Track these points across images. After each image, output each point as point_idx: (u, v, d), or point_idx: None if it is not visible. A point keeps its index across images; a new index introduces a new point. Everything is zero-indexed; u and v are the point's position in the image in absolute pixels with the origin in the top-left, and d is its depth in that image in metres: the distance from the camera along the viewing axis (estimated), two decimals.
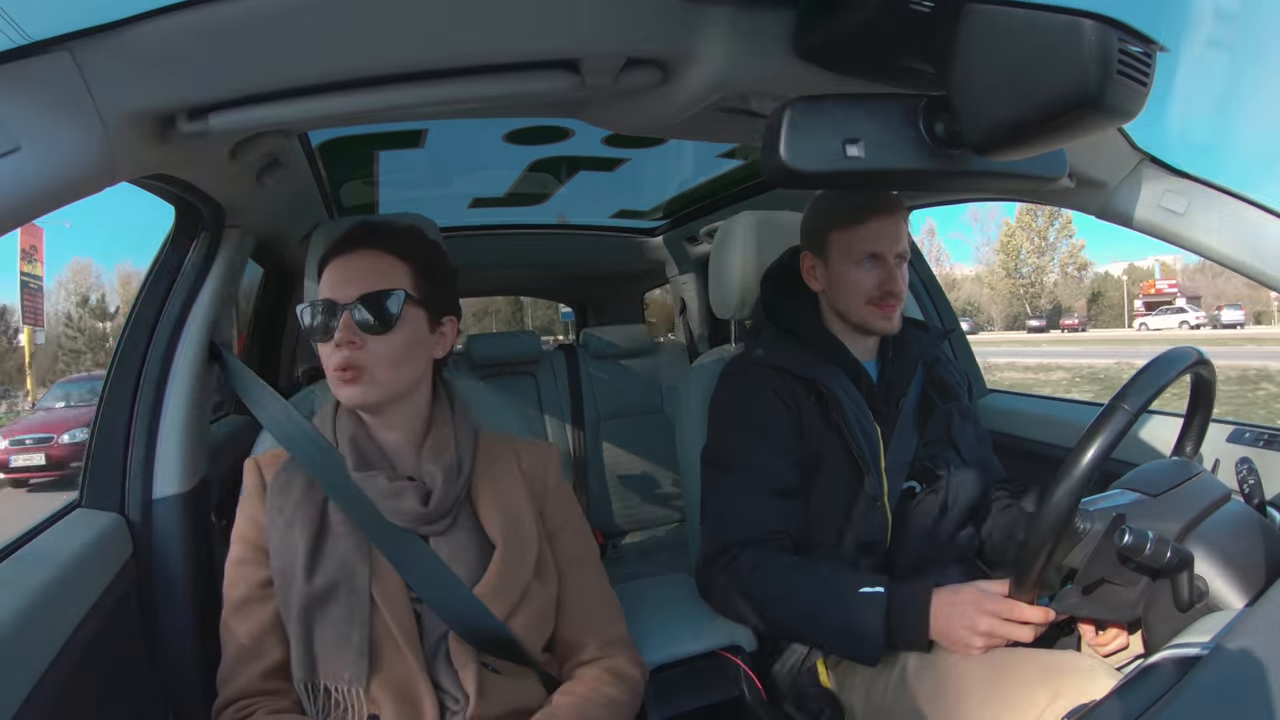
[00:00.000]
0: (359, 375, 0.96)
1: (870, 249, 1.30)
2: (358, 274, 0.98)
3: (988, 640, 1.05)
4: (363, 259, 1.00)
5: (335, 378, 0.98)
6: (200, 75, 0.77)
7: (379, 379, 0.97)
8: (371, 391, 0.98)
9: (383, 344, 0.97)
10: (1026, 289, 46.47)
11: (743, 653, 1.33)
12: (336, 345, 0.96)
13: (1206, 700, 0.60)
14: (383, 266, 1.00)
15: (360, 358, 0.96)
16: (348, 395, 0.98)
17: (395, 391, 1.00)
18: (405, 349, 0.99)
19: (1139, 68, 0.62)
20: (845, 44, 0.78)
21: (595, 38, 0.84)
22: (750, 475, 1.29)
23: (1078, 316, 44.08)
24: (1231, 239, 0.96)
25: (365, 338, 0.97)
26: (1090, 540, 0.92)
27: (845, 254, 1.32)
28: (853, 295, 1.32)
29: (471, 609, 0.96)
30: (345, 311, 0.96)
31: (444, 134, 1.79)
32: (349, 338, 0.96)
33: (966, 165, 0.76)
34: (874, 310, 1.31)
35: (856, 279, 1.31)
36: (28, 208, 0.65)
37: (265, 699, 0.95)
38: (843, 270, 1.33)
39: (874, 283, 1.30)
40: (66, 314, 34.87)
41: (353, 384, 0.97)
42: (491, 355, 2.71)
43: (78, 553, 0.96)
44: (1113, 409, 0.87)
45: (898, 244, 1.31)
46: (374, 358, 0.97)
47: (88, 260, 20.16)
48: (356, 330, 0.96)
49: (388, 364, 0.98)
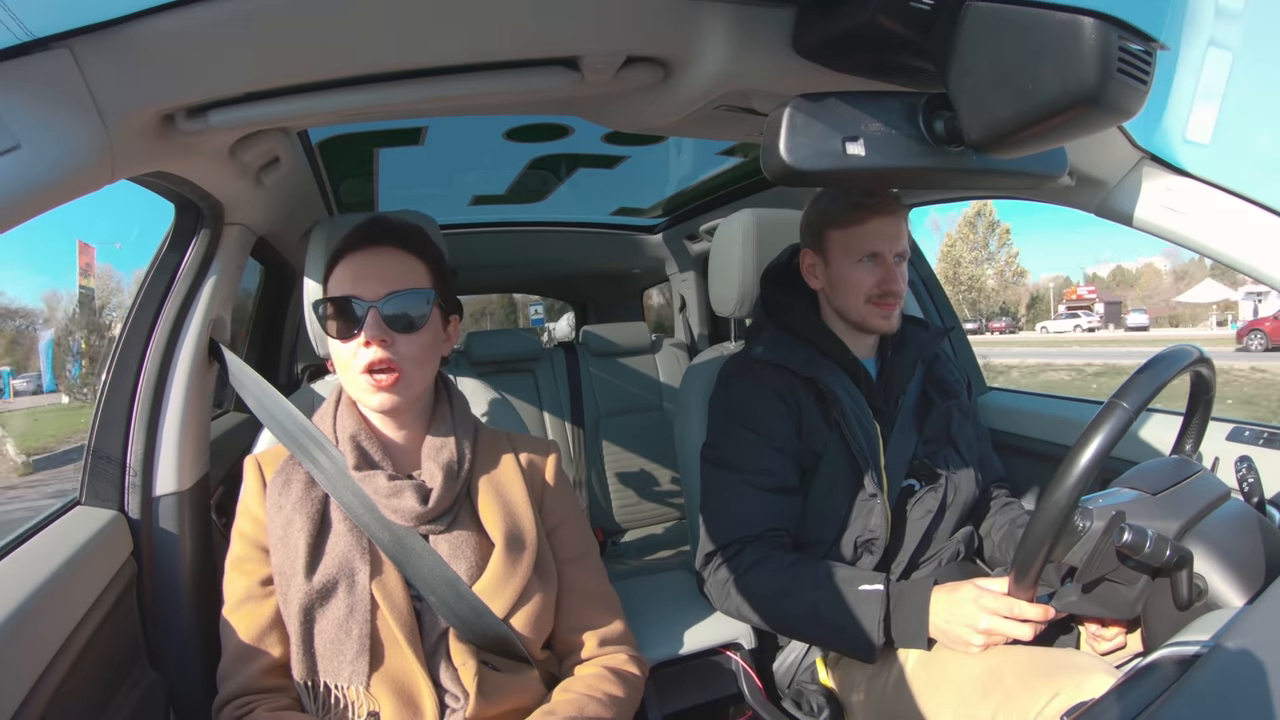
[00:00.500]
0: (395, 379, 0.95)
1: (870, 248, 1.30)
2: (384, 271, 0.97)
3: (987, 638, 1.05)
4: (387, 256, 0.99)
5: (364, 380, 0.96)
6: (200, 72, 0.77)
7: (411, 379, 0.97)
8: (406, 394, 0.97)
9: (411, 343, 0.97)
10: (965, 294, 49.50)
11: (742, 650, 1.33)
12: (365, 344, 0.95)
13: (1205, 699, 0.60)
14: (407, 265, 0.99)
15: (392, 357, 0.95)
16: (379, 401, 0.97)
17: (420, 393, 1.00)
18: (430, 349, 0.99)
19: (1139, 66, 0.62)
20: (845, 42, 0.78)
21: (595, 36, 0.83)
22: (749, 473, 1.29)
23: (1006, 320, 48.58)
24: (1231, 238, 0.96)
25: (394, 335, 0.96)
26: (1089, 538, 0.92)
27: (844, 253, 1.32)
28: (852, 294, 1.32)
29: (471, 607, 0.96)
30: (372, 309, 0.95)
31: (444, 131, 1.79)
32: (380, 335, 0.94)
33: (967, 163, 0.76)
34: (873, 309, 1.32)
35: (856, 278, 1.32)
36: (28, 205, 0.65)
37: (265, 696, 0.95)
38: (842, 269, 1.33)
39: (873, 281, 1.30)
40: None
41: (388, 389, 0.95)
42: (491, 353, 2.71)
43: (77, 550, 0.96)
44: (1111, 407, 0.87)
45: (897, 243, 1.31)
46: (404, 357, 0.96)
47: (107, 265, 20.76)
48: (385, 328, 0.95)
49: (416, 363, 0.97)
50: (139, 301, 1.21)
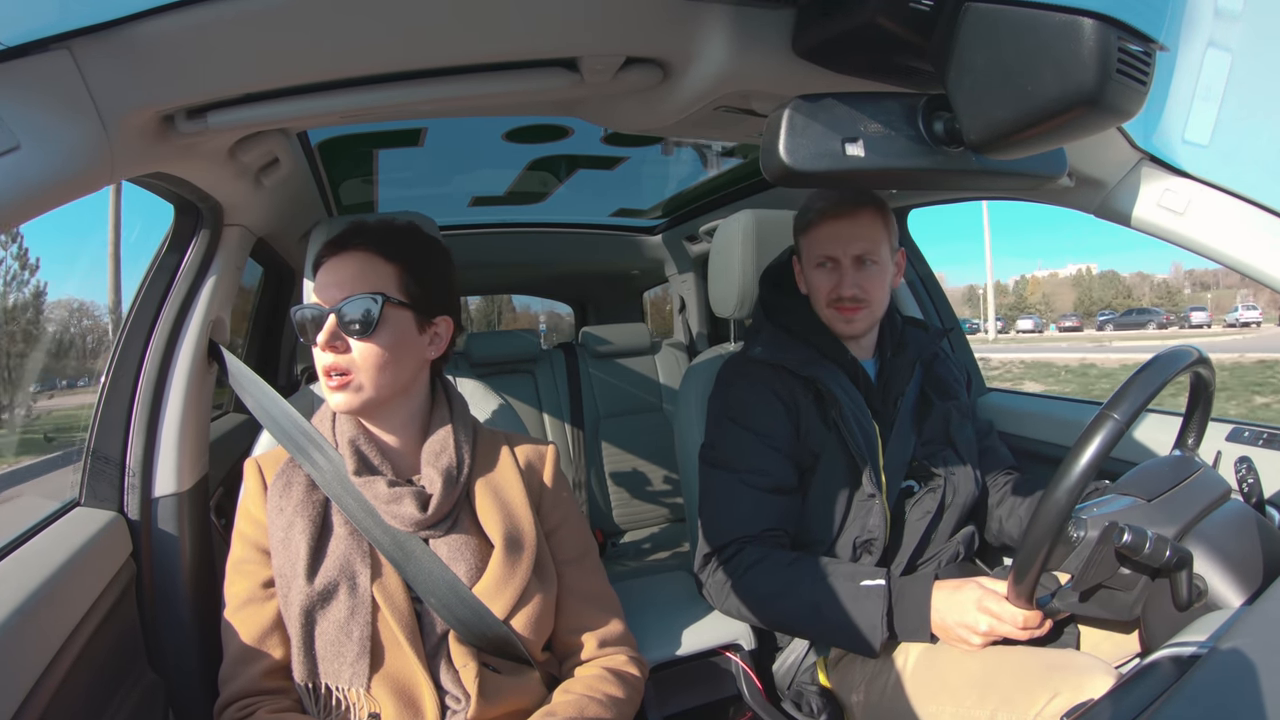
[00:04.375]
0: (346, 381, 0.97)
1: (823, 251, 1.31)
2: (342, 277, 0.98)
3: (986, 637, 1.05)
4: (349, 262, 1.00)
5: (324, 382, 0.99)
6: (199, 73, 0.77)
7: (364, 383, 0.98)
8: (357, 396, 0.98)
9: (366, 348, 0.97)
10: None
11: (742, 651, 1.33)
12: (322, 349, 0.97)
13: (1205, 699, 0.60)
14: (368, 269, 0.99)
15: (344, 362, 0.97)
16: (336, 401, 0.99)
17: (382, 396, 1.00)
18: (389, 352, 0.98)
19: (1138, 67, 0.62)
20: (845, 43, 0.78)
21: (595, 36, 0.83)
22: (748, 473, 1.29)
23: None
24: (1230, 238, 0.96)
25: (348, 341, 0.97)
26: (1084, 548, 0.93)
27: (808, 257, 1.34)
28: (815, 298, 1.34)
29: (471, 608, 0.96)
30: (330, 315, 0.96)
31: (443, 132, 1.79)
32: (332, 341, 0.96)
33: (966, 164, 0.76)
34: (834, 314, 1.32)
35: (815, 282, 1.33)
36: (28, 206, 0.65)
37: (266, 698, 0.95)
38: (808, 273, 1.35)
39: (829, 286, 1.31)
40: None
41: (340, 390, 0.98)
42: (490, 354, 2.71)
43: (77, 552, 0.96)
44: (1103, 418, 0.87)
45: (853, 245, 1.29)
46: (358, 362, 0.97)
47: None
48: (339, 333, 0.96)
49: (372, 368, 0.97)
50: (139, 302, 1.21)
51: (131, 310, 1.22)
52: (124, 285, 1.99)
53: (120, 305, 1.24)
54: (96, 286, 4.47)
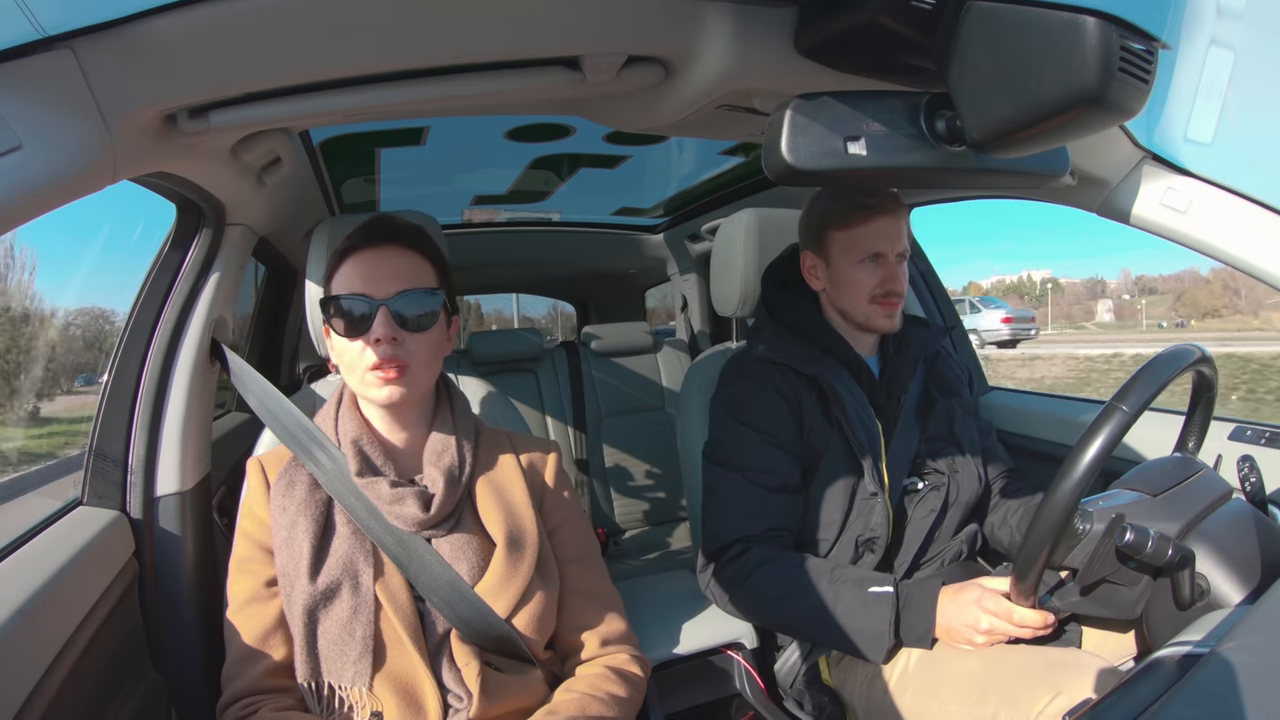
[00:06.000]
0: (403, 372, 0.96)
1: (873, 248, 1.31)
2: (395, 270, 0.98)
3: (989, 638, 1.05)
4: (395, 255, 0.99)
5: (371, 376, 0.97)
6: (201, 73, 0.77)
7: (418, 376, 0.98)
8: (412, 389, 0.98)
9: (420, 341, 0.97)
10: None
11: (744, 650, 1.33)
12: (376, 341, 0.95)
13: (1207, 699, 0.60)
14: (416, 264, 1.00)
15: (403, 353, 0.96)
16: (387, 394, 0.97)
17: (425, 389, 1.01)
18: (437, 348, 1.00)
19: (1141, 65, 0.61)
20: (847, 41, 0.78)
21: (597, 35, 0.83)
22: (751, 472, 1.29)
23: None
24: (1233, 237, 0.96)
25: (404, 334, 0.97)
26: (1090, 541, 0.92)
27: (846, 253, 1.32)
28: (855, 294, 1.32)
29: (473, 607, 0.97)
30: (383, 306, 0.96)
31: (445, 131, 1.79)
32: (391, 334, 0.95)
33: (968, 162, 0.76)
34: (877, 309, 1.32)
35: (859, 278, 1.32)
36: (29, 205, 0.65)
37: (270, 697, 0.95)
38: (844, 269, 1.33)
39: (876, 281, 1.31)
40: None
41: (394, 382, 0.96)
42: (492, 353, 2.71)
43: (79, 551, 0.96)
44: (1111, 410, 0.87)
45: (899, 242, 1.31)
46: (413, 355, 0.97)
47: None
48: (395, 326, 0.96)
49: (424, 362, 0.98)
50: (141, 301, 1.21)
51: (134, 309, 1.22)
52: (126, 286, 1.98)
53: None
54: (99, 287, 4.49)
